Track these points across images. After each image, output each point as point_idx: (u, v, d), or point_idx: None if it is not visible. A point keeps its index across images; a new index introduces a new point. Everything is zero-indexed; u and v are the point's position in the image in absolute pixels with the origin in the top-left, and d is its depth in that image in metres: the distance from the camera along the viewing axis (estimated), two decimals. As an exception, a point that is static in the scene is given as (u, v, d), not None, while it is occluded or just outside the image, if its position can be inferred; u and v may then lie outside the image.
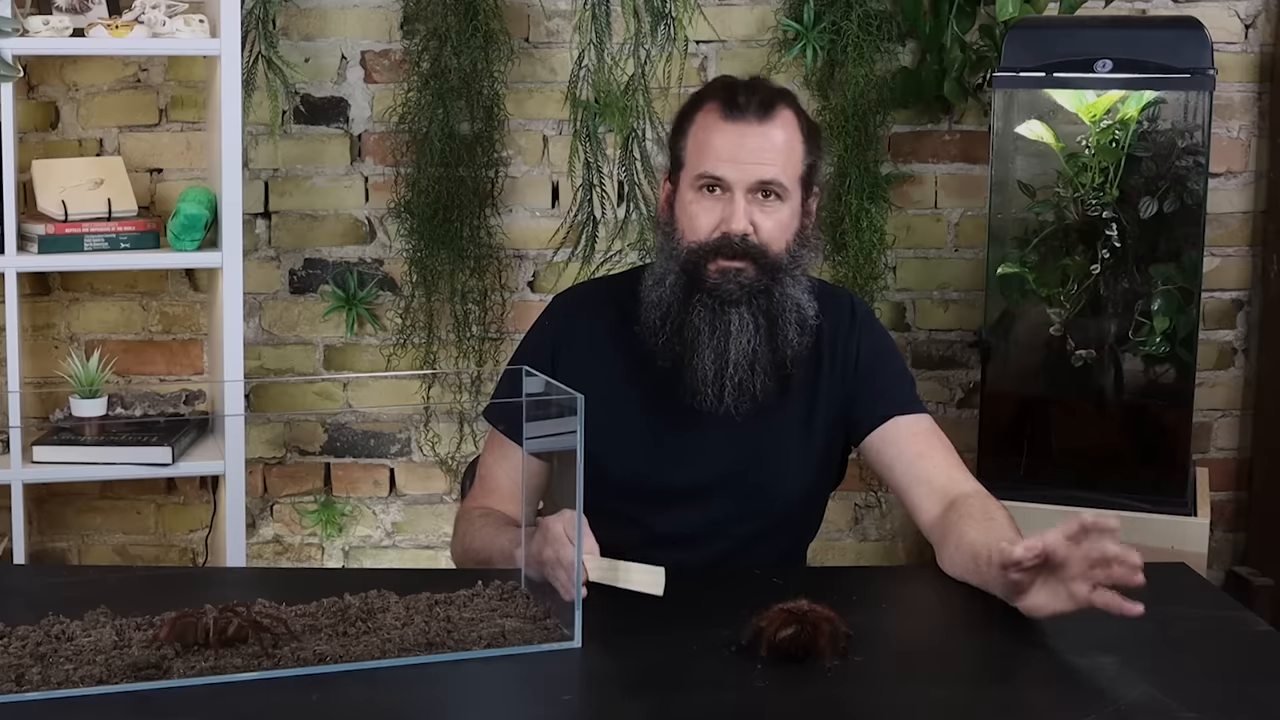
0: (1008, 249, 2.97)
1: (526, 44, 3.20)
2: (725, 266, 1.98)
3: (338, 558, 3.32)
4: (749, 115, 1.98)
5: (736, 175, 1.97)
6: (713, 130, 1.99)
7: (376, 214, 3.23)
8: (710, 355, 1.99)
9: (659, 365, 2.03)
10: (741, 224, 1.97)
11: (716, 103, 2.01)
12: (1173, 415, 2.94)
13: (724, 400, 2.00)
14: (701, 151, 2.00)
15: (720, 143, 1.98)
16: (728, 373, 1.99)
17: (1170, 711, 1.51)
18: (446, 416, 3.28)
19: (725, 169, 1.97)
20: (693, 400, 2.01)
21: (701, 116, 2.02)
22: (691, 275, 1.99)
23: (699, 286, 1.99)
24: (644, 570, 1.77)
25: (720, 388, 2.00)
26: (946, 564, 1.94)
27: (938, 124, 3.30)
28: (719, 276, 1.98)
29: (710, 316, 1.99)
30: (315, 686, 1.55)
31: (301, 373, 3.27)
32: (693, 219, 2.00)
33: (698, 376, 2.00)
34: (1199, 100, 2.85)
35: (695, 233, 2.00)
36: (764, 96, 2.00)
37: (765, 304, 2.00)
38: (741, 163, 1.97)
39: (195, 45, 2.82)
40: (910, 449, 2.06)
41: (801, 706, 1.53)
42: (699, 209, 2.00)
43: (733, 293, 1.98)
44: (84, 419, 2.86)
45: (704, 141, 2.00)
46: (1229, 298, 3.37)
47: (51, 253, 2.82)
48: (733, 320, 1.99)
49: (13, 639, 1.61)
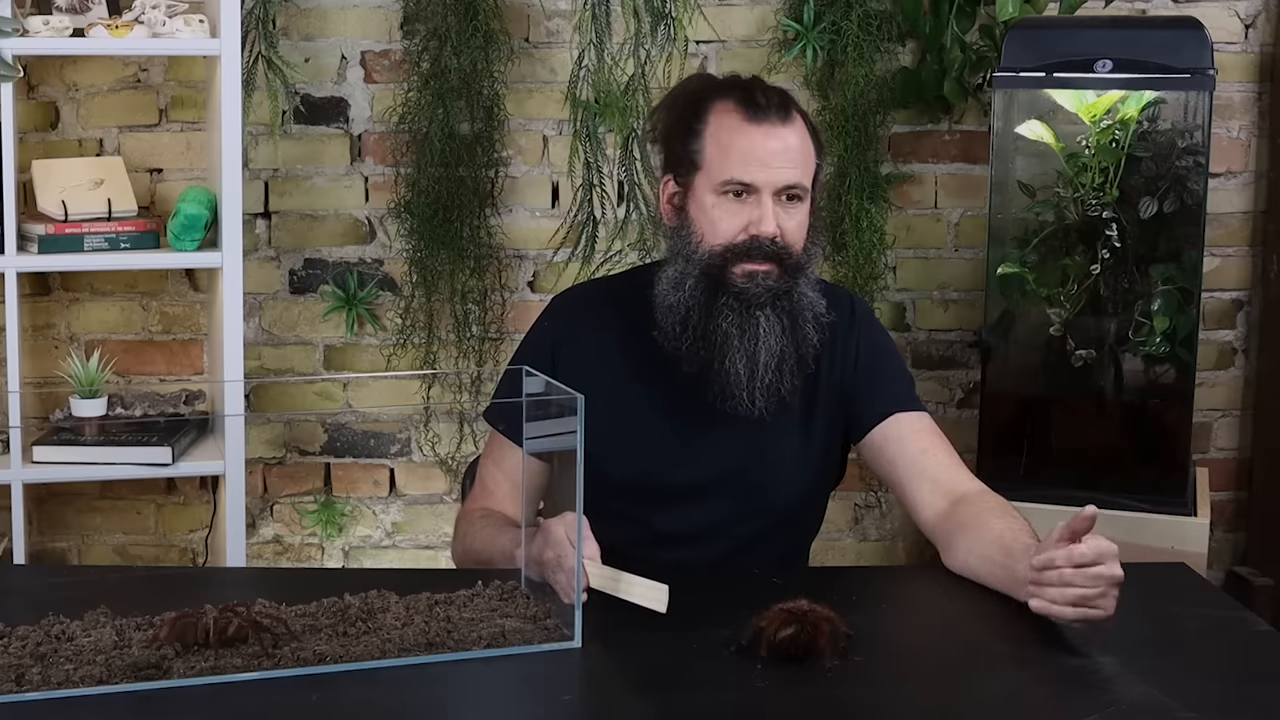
0: (1008, 249, 2.97)
1: (526, 44, 3.20)
2: (752, 269, 1.97)
3: (338, 558, 3.32)
4: (772, 117, 1.97)
5: (765, 179, 1.96)
6: (736, 133, 1.97)
7: (376, 214, 3.23)
8: (742, 358, 1.97)
9: (670, 369, 2.03)
10: (771, 226, 1.95)
11: (734, 103, 1.99)
12: (1173, 415, 2.94)
13: (756, 403, 1.99)
14: (726, 155, 1.97)
15: (746, 146, 1.96)
16: (759, 375, 1.98)
17: (1170, 711, 1.51)
18: (446, 416, 3.28)
19: (755, 173, 1.96)
20: (723, 404, 2.00)
21: (718, 117, 1.99)
22: (714, 278, 1.98)
23: (724, 290, 1.97)
24: (647, 586, 1.74)
25: (753, 391, 1.99)
26: (958, 559, 1.92)
27: (938, 124, 3.30)
28: (746, 280, 1.97)
29: (739, 320, 1.97)
30: (315, 686, 1.55)
31: (301, 373, 3.27)
32: (715, 223, 1.98)
33: (730, 381, 1.98)
34: (1199, 100, 2.85)
35: (718, 236, 1.98)
36: (779, 98, 2.00)
37: (788, 305, 1.99)
38: (770, 166, 1.96)
39: (195, 45, 2.82)
40: (913, 445, 2.05)
41: (801, 706, 1.53)
42: (722, 212, 1.97)
43: (759, 296, 1.97)
44: (84, 419, 2.86)
45: (728, 144, 1.97)
46: (1229, 298, 3.37)
47: (51, 253, 2.82)
48: (760, 323, 1.97)
49: (13, 639, 1.61)
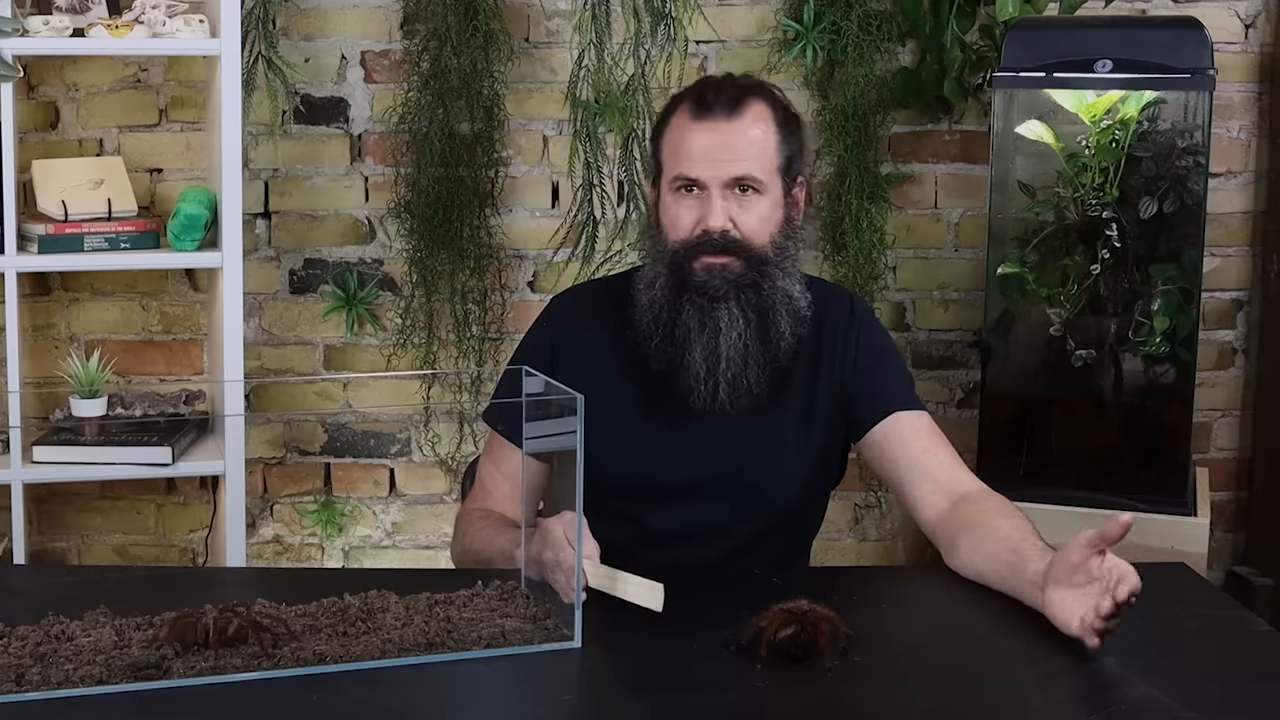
0: (1008, 249, 2.97)
1: (526, 44, 3.20)
2: (710, 263, 1.99)
3: (338, 558, 3.32)
4: (717, 113, 1.99)
5: (710, 173, 1.98)
6: (684, 131, 2.01)
7: (376, 214, 3.23)
8: (701, 352, 2.00)
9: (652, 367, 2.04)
10: (719, 220, 1.98)
11: (687, 104, 2.03)
12: (1173, 415, 2.94)
13: (718, 396, 2.01)
14: (675, 154, 2.02)
15: (691, 143, 1.99)
16: (720, 369, 2.00)
17: (1170, 711, 1.51)
18: (446, 416, 3.28)
19: (698, 169, 1.98)
20: (688, 399, 2.02)
21: (675, 119, 2.04)
22: (678, 275, 2.00)
23: (686, 285, 2.00)
24: (644, 584, 1.75)
25: (714, 384, 2.00)
26: (963, 559, 1.92)
27: (938, 124, 3.30)
28: (705, 274, 1.99)
29: (699, 314, 2.00)
30: (315, 686, 1.55)
31: (301, 373, 3.27)
32: (674, 220, 2.01)
33: (690, 374, 2.00)
34: (1199, 100, 2.85)
35: (677, 232, 2.01)
36: (732, 93, 2.01)
37: (754, 297, 2.00)
38: (713, 160, 1.98)
39: (195, 45, 2.82)
40: (913, 444, 2.05)
41: (801, 706, 1.53)
42: (679, 210, 2.01)
43: (720, 288, 1.99)
44: (84, 419, 2.86)
45: (677, 143, 2.02)
46: (1229, 298, 3.37)
47: (51, 253, 2.82)
48: (722, 316, 1.99)
49: (13, 639, 1.61)
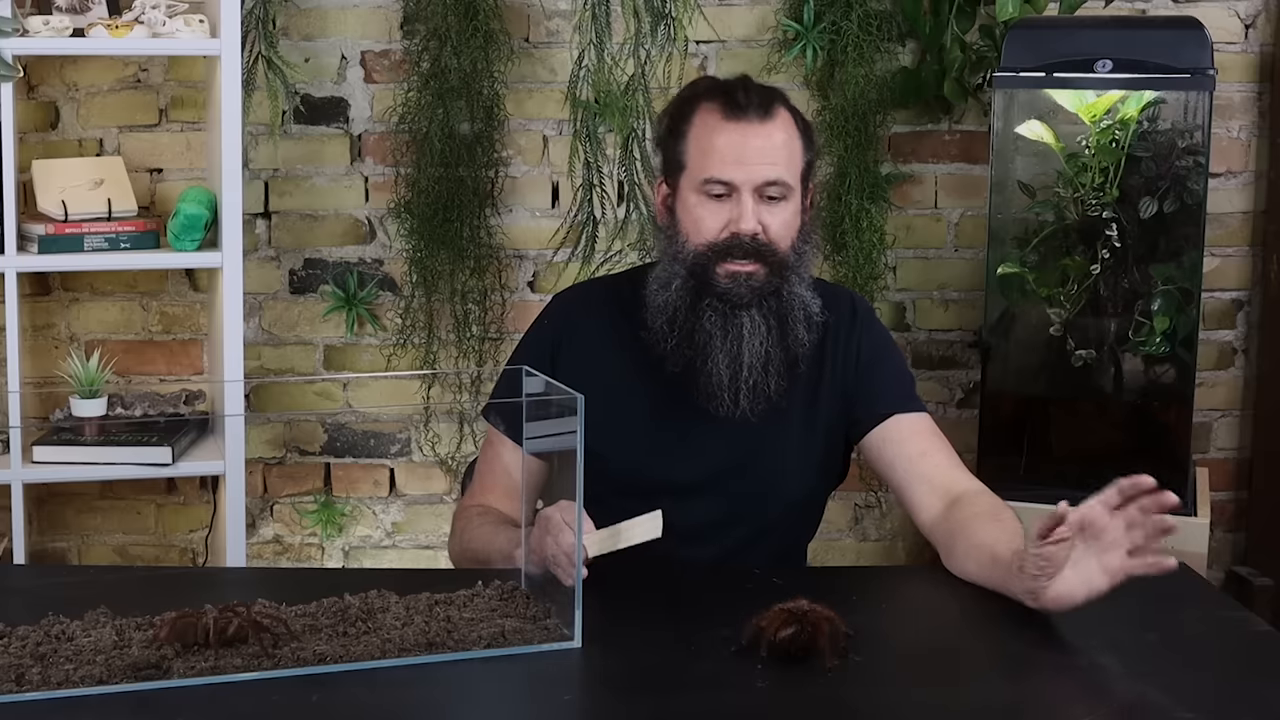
0: (1008, 249, 2.97)
1: (526, 44, 3.20)
2: (735, 270, 1.97)
3: (338, 558, 3.32)
4: (750, 115, 1.97)
5: (743, 177, 1.96)
6: (715, 132, 1.98)
7: (376, 214, 3.23)
8: (724, 360, 1.98)
9: (664, 367, 2.03)
10: (751, 224, 1.95)
11: (715, 103, 1.99)
12: (1173, 415, 2.94)
13: (740, 404, 1.99)
14: (705, 154, 1.98)
15: (724, 145, 1.96)
16: (742, 376, 1.98)
17: (1170, 711, 1.51)
18: (446, 416, 3.28)
19: (732, 171, 1.96)
20: (706, 404, 2.00)
21: (700, 118, 2.00)
22: (699, 278, 1.98)
23: (708, 290, 1.98)
24: (640, 522, 1.75)
25: (735, 392, 1.99)
26: (956, 564, 1.92)
27: (938, 124, 3.30)
28: (729, 281, 1.97)
29: (722, 321, 1.98)
30: (315, 686, 1.54)
31: (301, 373, 3.27)
32: (698, 222, 1.98)
33: (713, 382, 1.99)
34: (1199, 100, 2.85)
35: (701, 235, 1.98)
36: (762, 96, 1.99)
37: (775, 305, 1.99)
38: (747, 164, 1.96)
39: (195, 45, 2.82)
40: (911, 447, 2.05)
41: (801, 706, 1.53)
42: (704, 212, 1.98)
43: (744, 296, 1.97)
44: (84, 419, 2.86)
45: (707, 144, 1.98)
46: (1229, 298, 3.37)
47: (51, 253, 2.82)
48: (744, 324, 1.98)
49: (13, 639, 1.61)
